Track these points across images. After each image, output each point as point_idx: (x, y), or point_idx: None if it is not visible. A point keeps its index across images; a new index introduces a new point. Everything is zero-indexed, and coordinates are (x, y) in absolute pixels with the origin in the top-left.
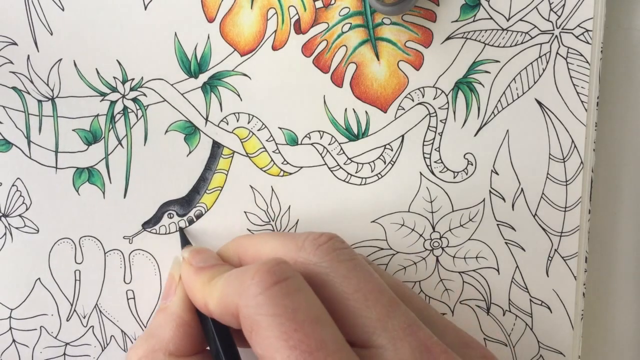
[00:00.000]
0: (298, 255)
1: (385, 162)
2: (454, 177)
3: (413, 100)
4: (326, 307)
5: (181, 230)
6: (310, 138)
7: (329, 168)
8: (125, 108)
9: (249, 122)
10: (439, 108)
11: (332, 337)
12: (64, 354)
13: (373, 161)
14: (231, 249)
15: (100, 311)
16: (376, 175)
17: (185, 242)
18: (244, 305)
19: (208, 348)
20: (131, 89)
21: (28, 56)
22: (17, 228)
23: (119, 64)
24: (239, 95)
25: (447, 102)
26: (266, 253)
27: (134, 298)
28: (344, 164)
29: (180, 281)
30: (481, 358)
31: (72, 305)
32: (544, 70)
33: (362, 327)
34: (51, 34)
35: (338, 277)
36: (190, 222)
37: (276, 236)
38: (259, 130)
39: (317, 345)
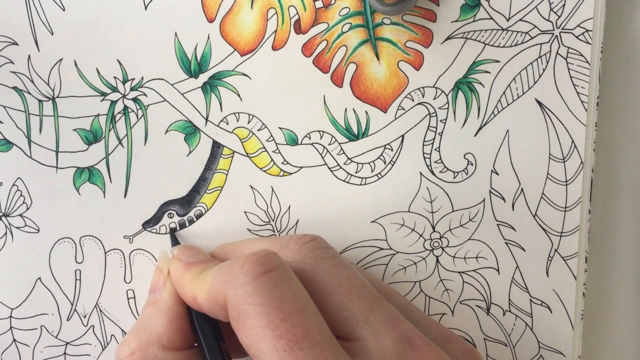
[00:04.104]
0: (283, 254)
1: (385, 162)
2: (454, 177)
3: (413, 100)
4: None
5: (172, 231)
6: (310, 138)
7: (329, 168)
8: (125, 108)
9: (249, 122)
10: (439, 108)
11: (318, 328)
12: (65, 353)
13: (373, 161)
14: (217, 255)
15: (101, 310)
16: (376, 175)
17: (175, 242)
18: (232, 294)
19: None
20: (131, 89)
21: (29, 56)
22: (17, 228)
23: (120, 63)
24: (239, 95)
25: (447, 102)
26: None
27: (134, 297)
28: (344, 164)
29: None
30: (463, 351)
31: (72, 304)
32: (544, 70)
33: (345, 320)
34: (52, 34)
35: (322, 273)
36: (191, 222)
37: (260, 239)
38: (259, 130)
39: (303, 335)
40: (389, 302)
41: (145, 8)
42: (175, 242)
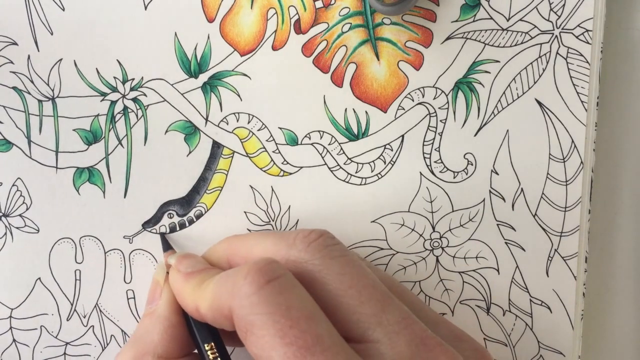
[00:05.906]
0: (290, 254)
1: (385, 162)
2: (454, 177)
3: (413, 100)
4: (320, 304)
5: (162, 235)
6: (310, 138)
7: (329, 168)
8: (125, 108)
9: (249, 122)
10: (439, 108)
11: (327, 332)
12: (64, 353)
13: (373, 161)
14: (220, 250)
15: (101, 311)
16: (376, 175)
17: (167, 247)
18: (237, 306)
19: (196, 351)
20: (131, 89)
21: (28, 56)
22: (17, 228)
23: (119, 63)
24: (239, 95)
25: (447, 102)
26: (257, 253)
27: (134, 298)
28: (344, 164)
29: (166, 284)
30: (473, 351)
31: (72, 304)
32: (544, 70)
33: (357, 323)
34: (52, 34)
35: (331, 274)
36: (190, 222)
37: (267, 235)
38: (259, 130)
39: (313, 340)
40: (399, 300)
41: (145, 8)
42: (166, 246)
